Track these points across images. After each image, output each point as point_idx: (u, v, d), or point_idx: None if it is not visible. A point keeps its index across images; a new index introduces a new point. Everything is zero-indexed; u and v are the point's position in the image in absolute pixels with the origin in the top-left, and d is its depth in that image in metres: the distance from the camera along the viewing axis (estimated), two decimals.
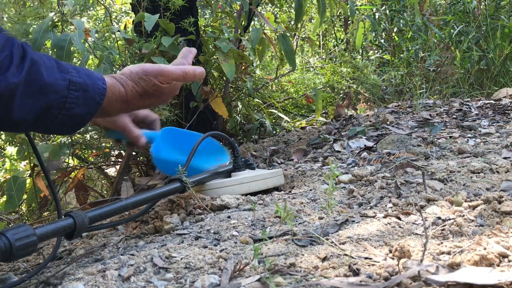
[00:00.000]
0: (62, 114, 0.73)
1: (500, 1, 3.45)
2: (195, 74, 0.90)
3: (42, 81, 0.69)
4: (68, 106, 0.73)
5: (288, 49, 1.85)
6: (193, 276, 0.63)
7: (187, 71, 0.89)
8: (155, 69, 0.86)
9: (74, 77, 0.73)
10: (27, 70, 0.67)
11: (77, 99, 0.73)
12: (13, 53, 0.66)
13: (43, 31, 1.38)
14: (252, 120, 2.25)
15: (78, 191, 1.74)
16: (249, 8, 1.89)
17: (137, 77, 0.84)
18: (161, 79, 0.86)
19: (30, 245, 0.66)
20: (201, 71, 0.92)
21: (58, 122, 0.73)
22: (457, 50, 3.02)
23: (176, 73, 0.88)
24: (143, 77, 0.84)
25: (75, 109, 0.74)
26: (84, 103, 0.75)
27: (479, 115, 2.02)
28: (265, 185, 1.15)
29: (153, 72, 0.85)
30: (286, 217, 0.69)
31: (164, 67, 0.87)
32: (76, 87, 0.73)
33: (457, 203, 0.85)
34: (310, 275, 0.59)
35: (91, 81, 0.76)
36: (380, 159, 1.36)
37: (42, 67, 0.70)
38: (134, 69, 0.85)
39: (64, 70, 0.73)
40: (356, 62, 3.14)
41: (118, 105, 0.82)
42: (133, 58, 1.70)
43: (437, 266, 0.57)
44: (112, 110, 0.83)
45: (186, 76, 0.89)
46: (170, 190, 0.98)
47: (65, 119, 0.74)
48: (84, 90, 0.74)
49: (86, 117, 0.76)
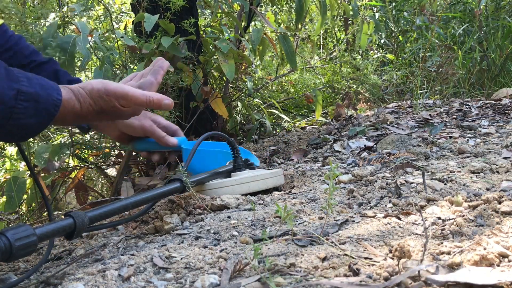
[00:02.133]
0: (10, 124, 0.70)
1: (500, 1, 3.44)
2: (160, 105, 0.86)
3: None
4: (16, 117, 0.70)
5: (289, 49, 1.85)
6: (193, 276, 0.63)
7: (152, 99, 0.85)
8: (118, 91, 0.82)
9: (25, 86, 0.70)
10: None
11: (25, 110, 0.70)
12: None
13: (51, 35, 1.38)
14: (252, 120, 2.25)
15: (78, 191, 1.74)
16: (250, 8, 1.89)
17: (97, 96, 0.81)
18: (123, 102, 0.83)
19: (30, 245, 0.66)
20: (168, 103, 0.87)
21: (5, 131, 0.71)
22: (459, 50, 3.02)
23: (140, 99, 0.84)
24: (104, 97, 0.81)
25: (24, 120, 0.71)
26: (36, 114, 0.72)
27: (479, 115, 2.02)
28: (265, 185, 1.15)
29: (116, 95, 0.81)
30: (286, 217, 0.69)
31: (129, 91, 0.82)
32: (25, 97, 0.70)
33: (457, 203, 0.85)
34: (310, 275, 0.59)
35: (44, 91, 0.73)
36: (380, 159, 1.36)
37: None
38: (96, 86, 0.81)
39: (14, 79, 0.70)
40: (356, 62, 3.14)
41: (71, 118, 0.80)
42: (133, 59, 1.70)
43: (437, 266, 0.57)
44: (65, 122, 0.81)
45: (150, 104, 0.85)
46: (170, 190, 0.98)
47: (13, 129, 0.71)
48: (36, 101, 0.71)
49: (38, 127, 0.74)
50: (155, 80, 0.92)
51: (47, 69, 1.04)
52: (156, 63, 0.96)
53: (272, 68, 3.44)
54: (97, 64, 1.99)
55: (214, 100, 1.78)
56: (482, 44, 3.26)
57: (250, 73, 2.48)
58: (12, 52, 1.03)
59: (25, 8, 1.65)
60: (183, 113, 1.80)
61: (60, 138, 1.84)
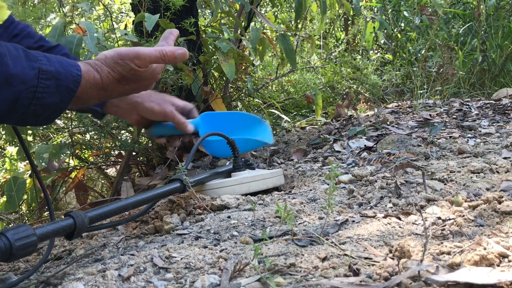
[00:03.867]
0: (34, 104, 0.70)
1: (500, 1, 3.44)
2: (174, 56, 0.84)
3: (7, 72, 0.66)
4: (40, 96, 0.69)
5: (289, 48, 1.85)
6: (193, 276, 0.63)
7: (165, 52, 0.83)
8: (131, 52, 0.80)
9: (44, 65, 0.70)
10: None
11: (48, 88, 0.70)
12: None
13: (58, 35, 1.37)
14: None
15: (78, 191, 1.74)
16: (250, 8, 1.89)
17: (113, 62, 0.80)
18: (138, 62, 0.81)
19: (30, 245, 0.66)
20: (182, 52, 0.85)
21: (30, 113, 0.70)
22: (460, 51, 3.02)
23: (154, 55, 0.82)
24: (119, 62, 0.80)
25: (47, 99, 0.70)
26: (57, 92, 0.71)
27: (479, 115, 2.02)
28: (265, 185, 1.15)
29: (129, 56, 0.80)
30: (286, 217, 0.69)
31: (140, 50, 0.81)
32: (47, 76, 0.70)
33: (457, 203, 0.85)
34: (310, 275, 0.59)
35: (64, 69, 0.72)
36: (380, 159, 1.36)
37: (7, 58, 0.67)
38: (109, 54, 0.80)
39: (33, 58, 0.70)
40: (356, 62, 3.14)
41: (94, 92, 0.79)
42: None
43: (437, 266, 0.57)
44: (89, 98, 0.79)
45: (164, 57, 0.83)
46: (170, 190, 0.98)
47: (38, 109, 0.71)
48: (56, 78, 0.71)
49: (60, 106, 0.73)
50: (167, 44, 0.90)
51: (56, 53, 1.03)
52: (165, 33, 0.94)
53: (272, 68, 3.43)
54: None
55: (214, 100, 1.78)
56: (482, 44, 3.26)
57: (250, 73, 2.48)
58: (20, 37, 1.02)
59: (26, 8, 1.65)
60: None
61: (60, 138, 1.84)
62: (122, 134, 1.86)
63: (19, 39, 1.02)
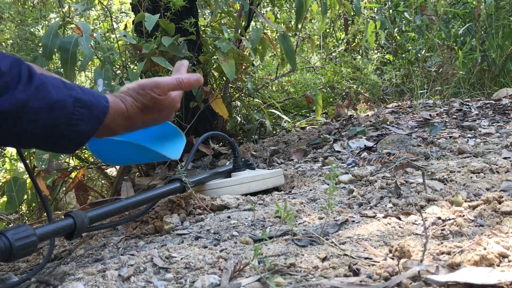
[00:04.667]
0: (69, 130, 0.75)
1: (500, 1, 3.44)
2: (190, 82, 0.91)
3: (50, 98, 0.72)
4: (74, 123, 0.75)
5: (289, 49, 1.85)
6: (193, 276, 0.63)
7: (182, 79, 0.90)
8: (151, 82, 0.87)
9: (80, 94, 0.76)
10: (35, 88, 0.70)
11: (82, 116, 0.76)
12: (21, 73, 0.69)
13: (52, 35, 1.37)
14: (252, 120, 2.25)
15: (78, 191, 1.74)
16: (249, 8, 1.89)
17: (135, 93, 0.86)
18: (158, 91, 0.87)
19: (30, 245, 0.66)
20: (197, 78, 0.92)
21: (64, 138, 0.76)
22: (460, 51, 3.02)
23: (172, 83, 0.89)
24: (140, 92, 0.86)
25: (80, 126, 0.76)
26: (89, 120, 0.77)
27: (479, 115, 2.02)
28: (265, 185, 1.15)
29: (149, 86, 0.87)
30: (286, 217, 0.69)
31: (159, 80, 0.88)
32: (81, 104, 0.75)
33: (457, 203, 0.85)
34: (310, 275, 0.59)
35: (95, 99, 0.78)
36: (380, 159, 1.36)
37: (50, 85, 0.73)
38: (131, 86, 0.87)
39: (70, 88, 0.76)
40: (356, 62, 3.14)
41: (121, 121, 0.85)
42: (133, 59, 1.70)
43: (437, 266, 0.57)
44: (116, 127, 0.85)
45: (181, 84, 0.90)
46: (170, 190, 0.98)
47: (71, 135, 0.76)
48: (89, 108, 0.77)
49: (89, 134, 0.79)
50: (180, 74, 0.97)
51: None
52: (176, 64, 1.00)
53: (272, 68, 3.43)
54: (96, 64, 1.99)
55: (214, 100, 1.78)
56: (482, 44, 3.26)
57: (250, 73, 2.48)
58: None
59: (25, 9, 1.65)
60: (183, 113, 1.80)
61: None
62: None
63: None
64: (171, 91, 0.90)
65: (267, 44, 2.10)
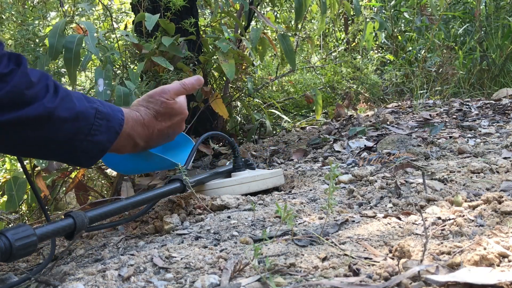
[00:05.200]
0: (87, 140, 0.79)
1: (500, 1, 3.44)
2: (192, 83, 0.99)
3: (75, 109, 0.77)
4: (93, 133, 0.79)
5: (288, 49, 1.85)
6: (193, 276, 0.63)
7: (184, 82, 0.98)
8: (157, 90, 0.95)
9: (100, 106, 0.81)
10: (61, 99, 0.76)
11: (100, 127, 0.80)
12: (48, 85, 0.75)
13: (58, 35, 1.37)
14: (252, 120, 2.25)
15: (78, 191, 1.74)
16: (249, 8, 1.89)
17: (145, 102, 0.93)
18: (165, 96, 0.94)
19: (30, 245, 0.66)
20: (197, 78, 1.00)
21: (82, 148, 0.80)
22: (460, 51, 3.02)
23: (176, 87, 0.96)
24: (150, 100, 0.93)
25: (98, 136, 0.80)
26: (107, 131, 0.82)
27: (479, 115, 2.02)
28: (265, 185, 1.15)
29: (157, 92, 0.94)
30: (286, 217, 0.69)
31: (164, 86, 0.96)
32: (101, 116, 0.81)
33: (457, 203, 0.85)
34: (310, 275, 0.59)
35: (113, 112, 0.84)
36: (380, 159, 1.36)
37: (74, 98, 0.78)
38: (139, 99, 0.95)
39: (91, 100, 0.82)
40: (356, 62, 3.14)
41: (139, 129, 0.90)
42: (133, 59, 1.70)
43: (437, 266, 0.57)
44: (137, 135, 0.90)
45: (185, 86, 0.97)
46: (170, 190, 0.98)
47: (89, 145, 0.80)
48: (107, 120, 0.82)
49: (106, 145, 0.83)
50: None
51: None
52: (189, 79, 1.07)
53: (272, 68, 3.43)
54: (96, 64, 1.99)
55: (214, 100, 1.78)
56: (482, 44, 3.26)
57: (250, 73, 2.48)
58: None
59: (26, 9, 1.64)
60: None
61: None
62: None
63: None
64: (177, 94, 0.96)
65: (267, 44, 2.10)
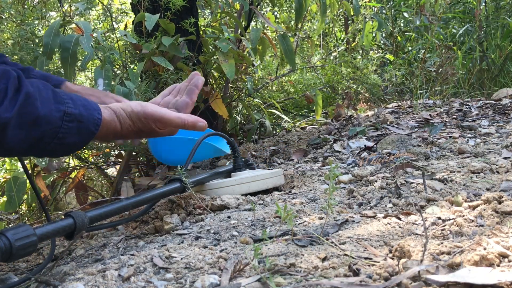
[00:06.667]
0: (54, 142, 0.74)
1: (500, 1, 3.44)
2: (194, 127, 0.90)
3: (36, 114, 0.71)
4: (61, 136, 0.74)
5: (288, 49, 1.85)
6: (193, 276, 0.63)
7: (187, 122, 0.89)
8: (155, 115, 0.85)
9: (70, 108, 0.75)
10: (21, 104, 0.69)
11: (69, 130, 0.74)
12: (7, 87, 0.68)
13: (53, 34, 1.37)
14: (252, 120, 2.25)
15: (78, 191, 1.74)
16: (249, 8, 1.89)
17: (136, 118, 0.85)
18: (160, 125, 0.87)
19: (30, 245, 0.66)
20: (202, 125, 0.91)
21: (49, 149, 0.75)
22: (459, 51, 3.02)
23: (175, 122, 0.88)
24: (142, 120, 0.85)
25: (67, 139, 0.75)
26: (78, 133, 0.76)
27: (479, 115, 2.02)
28: (265, 185, 1.15)
29: (153, 118, 0.85)
30: (286, 217, 0.69)
31: (165, 114, 0.86)
32: (70, 118, 0.74)
33: (457, 203, 0.85)
34: (310, 275, 0.59)
35: (87, 112, 0.77)
36: (380, 159, 1.36)
37: (37, 100, 0.71)
38: (136, 109, 0.85)
39: (60, 100, 0.74)
40: (356, 62, 3.14)
41: (111, 137, 0.84)
42: (133, 59, 1.70)
43: (437, 266, 0.57)
44: (103, 140, 0.87)
45: (185, 126, 0.89)
46: (170, 190, 0.98)
47: (56, 147, 0.75)
48: (79, 121, 0.75)
49: (78, 145, 0.78)
50: (190, 101, 0.96)
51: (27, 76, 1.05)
52: (192, 80, 0.98)
53: (272, 68, 3.43)
54: (96, 64, 1.99)
55: (214, 100, 1.78)
56: (482, 44, 3.26)
57: (250, 73, 2.48)
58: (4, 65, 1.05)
59: (25, 9, 1.64)
60: None
61: None
62: None
63: None
64: (173, 127, 0.90)
65: (267, 44, 2.10)
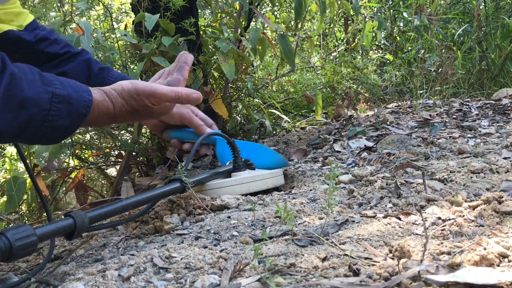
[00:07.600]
0: (45, 126, 0.72)
1: (500, 1, 3.45)
2: (189, 99, 0.87)
3: (22, 96, 0.68)
4: (51, 119, 0.72)
5: (288, 49, 1.85)
6: (193, 276, 0.63)
7: (181, 94, 0.86)
8: (147, 89, 0.83)
9: (58, 89, 0.72)
10: (6, 86, 0.67)
11: (59, 112, 0.72)
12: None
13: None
14: (252, 120, 2.25)
15: (78, 191, 1.74)
16: (249, 8, 1.89)
17: (128, 96, 0.82)
18: (153, 100, 0.84)
19: (30, 245, 0.66)
20: (196, 96, 0.89)
21: (40, 134, 0.73)
22: (459, 51, 3.02)
23: (169, 95, 0.85)
24: (134, 97, 0.82)
25: (58, 121, 0.73)
26: (68, 116, 0.74)
27: (479, 115, 2.02)
28: (265, 185, 1.15)
29: (145, 93, 0.83)
30: (286, 217, 0.69)
31: (157, 89, 0.84)
32: (59, 99, 0.72)
33: (457, 203, 0.85)
34: (310, 275, 0.59)
35: (76, 93, 0.74)
36: (380, 159, 1.36)
37: (23, 81, 0.69)
38: (126, 87, 0.83)
39: (48, 82, 0.72)
40: (356, 62, 3.14)
41: (105, 119, 0.82)
42: (133, 59, 1.70)
43: (437, 266, 0.57)
44: (99, 123, 0.82)
45: (179, 99, 0.86)
46: (170, 190, 0.98)
47: (48, 131, 0.73)
48: (68, 102, 0.73)
49: (70, 129, 0.75)
50: (182, 77, 0.93)
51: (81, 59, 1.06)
52: (180, 59, 0.96)
53: (272, 68, 3.43)
54: None
55: (214, 101, 1.78)
56: (481, 44, 3.26)
57: (250, 73, 2.48)
58: (47, 43, 1.05)
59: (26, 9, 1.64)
60: None
61: None
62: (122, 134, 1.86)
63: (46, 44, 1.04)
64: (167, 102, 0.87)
65: (266, 44, 2.10)
